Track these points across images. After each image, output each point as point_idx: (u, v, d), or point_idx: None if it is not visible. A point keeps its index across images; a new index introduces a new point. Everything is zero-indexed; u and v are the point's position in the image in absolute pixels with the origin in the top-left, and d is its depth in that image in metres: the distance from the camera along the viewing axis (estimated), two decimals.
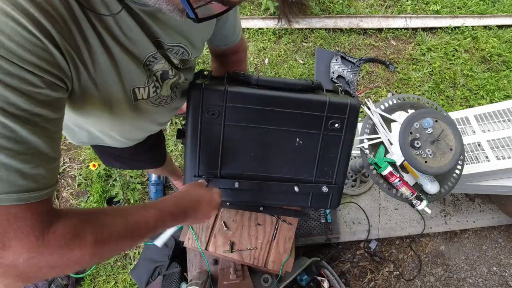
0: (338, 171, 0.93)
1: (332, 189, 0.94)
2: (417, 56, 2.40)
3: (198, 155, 0.88)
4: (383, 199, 1.99)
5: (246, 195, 0.93)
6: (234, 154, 0.89)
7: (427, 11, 2.53)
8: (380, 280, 1.97)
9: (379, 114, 1.37)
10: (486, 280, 2.04)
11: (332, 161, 0.92)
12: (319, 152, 0.91)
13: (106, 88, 0.57)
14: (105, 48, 0.52)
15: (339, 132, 0.90)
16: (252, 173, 0.91)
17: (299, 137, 0.89)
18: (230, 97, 0.83)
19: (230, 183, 0.89)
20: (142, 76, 0.61)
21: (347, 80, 2.24)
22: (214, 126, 0.86)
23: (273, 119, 0.86)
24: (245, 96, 0.84)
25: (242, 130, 0.86)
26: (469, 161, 1.59)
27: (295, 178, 0.92)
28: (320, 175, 0.93)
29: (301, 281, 1.59)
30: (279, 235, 1.24)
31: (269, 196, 0.93)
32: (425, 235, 2.08)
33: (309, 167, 0.92)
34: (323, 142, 0.90)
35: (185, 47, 0.68)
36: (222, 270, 1.27)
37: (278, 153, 0.90)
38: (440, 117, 1.27)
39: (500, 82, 2.40)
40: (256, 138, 0.88)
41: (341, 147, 0.91)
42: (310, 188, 0.93)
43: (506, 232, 2.14)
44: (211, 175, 0.89)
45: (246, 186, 0.90)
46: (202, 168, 0.88)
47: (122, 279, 1.80)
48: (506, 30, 2.56)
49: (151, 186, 1.87)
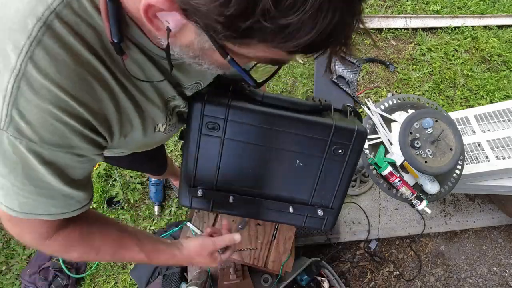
0: (336, 196, 0.91)
1: (328, 213, 0.92)
2: (417, 56, 2.40)
3: (195, 167, 0.86)
4: (383, 199, 1.98)
5: (241, 210, 0.92)
6: (231, 168, 0.87)
7: (427, 11, 2.53)
8: (380, 280, 1.97)
9: (379, 114, 1.37)
10: (486, 280, 2.04)
11: (331, 186, 0.90)
12: (319, 176, 0.88)
13: (132, 133, 0.60)
14: (136, 106, 0.55)
15: (342, 158, 0.87)
16: (248, 189, 0.89)
17: (299, 159, 0.87)
18: (232, 112, 0.80)
19: (225, 196, 0.88)
20: (163, 115, 0.64)
21: (347, 80, 2.24)
22: (213, 139, 0.84)
23: (274, 138, 0.84)
24: (248, 112, 0.81)
25: (241, 146, 0.84)
26: (469, 161, 1.59)
27: (291, 198, 0.90)
28: (317, 198, 0.90)
29: (301, 281, 1.59)
30: (279, 235, 1.24)
31: (263, 212, 0.92)
32: (425, 235, 2.08)
33: (307, 189, 0.90)
34: (324, 167, 0.87)
35: (201, 83, 0.70)
36: (222, 270, 1.27)
37: (277, 172, 0.88)
38: (440, 117, 1.27)
39: (500, 82, 2.40)
40: (255, 155, 0.86)
41: (342, 173, 0.88)
42: (305, 210, 0.91)
43: (506, 232, 2.14)
44: (206, 187, 0.87)
45: (241, 201, 0.89)
46: (198, 179, 0.87)
47: (122, 279, 1.80)
48: (506, 30, 2.56)
49: (151, 186, 1.87)
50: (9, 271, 1.78)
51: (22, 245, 1.82)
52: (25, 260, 1.79)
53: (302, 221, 0.92)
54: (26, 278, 1.69)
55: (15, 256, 1.80)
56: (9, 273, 1.78)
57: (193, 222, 1.27)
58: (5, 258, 1.80)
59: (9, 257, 1.80)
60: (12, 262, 1.80)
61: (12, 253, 1.81)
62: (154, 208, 1.88)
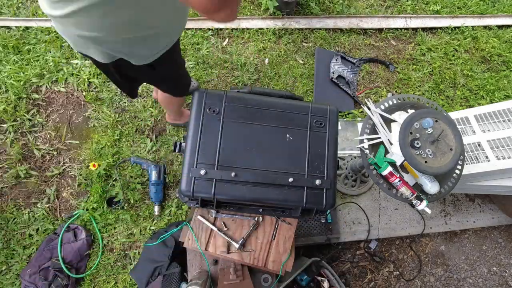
0: (328, 166, 1.03)
1: (325, 183, 1.01)
2: (417, 56, 2.40)
3: (198, 148, 0.98)
4: (383, 199, 1.99)
5: (243, 189, 0.98)
6: (231, 148, 0.98)
7: (427, 11, 2.53)
8: (380, 280, 1.97)
9: (379, 114, 1.37)
10: (486, 280, 2.04)
11: (321, 156, 1.04)
12: (308, 148, 1.02)
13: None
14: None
15: (324, 129, 1.05)
16: (248, 166, 0.99)
17: (289, 134, 1.03)
18: (229, 99, 1.00)
19: (227, 174, 0.97)
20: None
21: (347, 80, 2.24)
22: (214, 121, 0.99)
23: (265, 117, 1.02)
24: (241, 98, 1.01)
25: (239, 126, 0.99)
26: (469, 161, 1.59)
27: (289, 172, 1.01)
28: (312, 170, 1.02)
29: (301, 281, 1.59)
30: (279, 235, 1.24)
31: (265, 191, 0.99)
32: (425, 235, 2.08)
33: (301, 162, 1.02)
34: (311, 139, 1.03)
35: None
36: (222, 270, 1.27)
37: (272, 148, 1.01)
38: (440, 117, 1.27)
39: (500, 82, 2.40)
40: (251, 134, 1.00)
41: (327, 142, 1.04)
42: (303, 181, 1.00)
43: (506, 232, 2.14)
44: (209, 166, 0.97)
45: (242, 177, 0.98)
46: (201, 160, 0.97)
47: (122, 279, 1.80)
48: (506, 30, 2.56)
49: (151, 186, 1.87)
50: (9, 271, 1.79)
51: (22, 245, 1.82)
52: (25, 260, 1.79)
53: (302, 197, 1.01)
54: (26, 278, 1.69)
55: (15, 256, 1.80)
56: (9, 273, 1.78)
57: (192, 225, 1.27)
58: (5, 258, 1.80)
59: (9, 257, 1.80)
60: (12, 262, 1.80)
61: (12, 253, 1.81)
62: (154, 208, 1.88)
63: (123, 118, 2.05)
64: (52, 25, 2.17)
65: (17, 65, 2.08)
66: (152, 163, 1.91)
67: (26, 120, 2.01)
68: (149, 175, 1.90)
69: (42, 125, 2.03)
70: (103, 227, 1.87)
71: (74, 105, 2.08)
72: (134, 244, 1.87)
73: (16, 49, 2.12)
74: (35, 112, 2.04)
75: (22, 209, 1.88)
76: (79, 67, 2.12)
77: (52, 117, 2.05)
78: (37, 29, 2.16)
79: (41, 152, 1.97)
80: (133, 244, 1.87)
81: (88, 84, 2.10)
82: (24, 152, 1.96)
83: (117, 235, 1.86)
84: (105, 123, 2.03)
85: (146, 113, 2.06)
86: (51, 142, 2.00)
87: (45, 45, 2.14)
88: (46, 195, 1.91)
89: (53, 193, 1.90)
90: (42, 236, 1.83)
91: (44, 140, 2.01)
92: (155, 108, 2.08)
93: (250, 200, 1.00)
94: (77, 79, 2.10)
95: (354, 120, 2.13)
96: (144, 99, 2.10)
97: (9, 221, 1.85)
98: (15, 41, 2.12)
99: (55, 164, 1.97)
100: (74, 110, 2.08)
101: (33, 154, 1.96)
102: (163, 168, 1.93)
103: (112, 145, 1.99)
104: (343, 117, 2.17)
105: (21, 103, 2.02)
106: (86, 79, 2.09)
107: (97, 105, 2.07)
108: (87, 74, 2.10)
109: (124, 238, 1.86)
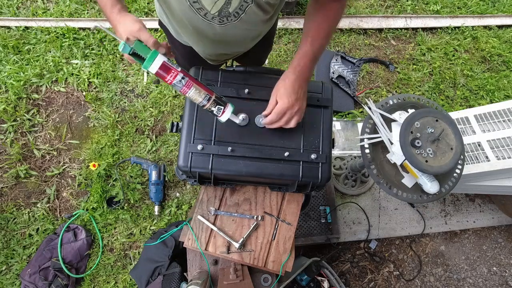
0: (323, 141, 1.04)
1: (320, 157, 1.02)
2: (417, 56, 2.40)
3: (195, 124, 0.98)
4: (383, 199, 1.99)
5: (239, 164, 0.99)
6: (227, 124, 0.96)
7: (427, 11, 2.53)
8: (380, 280, 1.97)
9: (379, 113, 1.37)
10: (486, 280, 2.04)
11: (316, 132, 1.04)
12: (303, 123, 1.02)
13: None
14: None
15: (318, 106, 1.05)
16: (244, 142, 1.00)
17: None
18: (223, 76, 1.02)
19: (224, 149, 0.98)
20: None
21: (347, 80, 2.24)
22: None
23: (261, 94, 1.02)
24: (237, 76, 1.03)
25: (234, 102, 0.96)
26: (469, 161, 1.59)
27: (285, 147, 1.02)
28: (307, 145, 1.03)
29: (301, 281, 1.59)
30: (279, 235, 1.24)
31: (261, 166, 0.99)
32: (425, 235, 2.08)
33: (296, 137, 1.02)
34: (306, 114, 1.01)
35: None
36: (222, 270, 1.27)
37: None
38: (441, 116, 1.27)
39: (500, 82, 2.40)
40: (247, 110, 1.00)
41: (322, 119, 1.05)
42: (299, 155, 1.01)
43: (506, 232, 2.14)
44: (206, 141, 0.98)
45: (239, 152, 0.98)
46: (197, 136, 0.98)
47: (122, 279, 1.80)
48: (506, 30, 2.56)
49: (151, 186, 1.87)
50: (9, 271, 1.78)
51: (22, 245, 1.82)
52: (25, 260, 1.79)
53: (298, 171, 1.01)
54: (26, 278, 1.69)
55: (15, 256, 1.80)
56: (9, 273, 1.78)
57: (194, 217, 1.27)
58: (5, 258, 1.79)
59: (9, 257, 1.80)
60: (12, 262, 1.80)
61: (12, 253, 1.81)
62: (154, 208, 1.88)
63: (123, 118, 2.05)
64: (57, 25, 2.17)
65: (17, 65, 2.08)
66: (152, 163, 1.91)
67: (26, 120, 2.01)
68: (149, 175, 1.90)
69: (42, 125, 2.03)
70: (103, 227, 1.87)
71: (74, 105, 2.08)
72: (134, 244, 1.87)
73: (16, 49, 2.12)
74: (35, 112, 2.04)
75: (22, 209, 1.88)
76: (79, 67, 2.12)
77: (52, 117, 2.05)
78: (37, 29, 2.16)
79: (41, 152, 1.97)
80: (133, 244, 1.87)
81: (88, 84, 2.10)
82: (24, 152, 1.96)
83: (117, 235, 1.86)
84: (105, 123, 2.03)
85: (146, 113, 2.06)
86: (51, 142, 2.00)
87: (45, 45, 2.14)
88: (46, 195, 1.91)
89: (53, 193, 1.90)
90: (42, 236, 1.83)
91: (44, 140, 2.01)
92: (155, 108, 2.08)
93: (247, 174, 1.00)
94: (77, 79, 2.10)
95: (354, 120, 2.13)
96: (144, 99, 2.10)
97: (9, 221, 1.85)
98: (15, 41, 2.12)
99: (55, 164, 1.97)
100: (74, 110, 2.08)
101: (33, 154, 1.96)
102: (163, 168, 1.93)
103: (112, 145, 1.99)
104: (343, 117, 2.17)
105: (21, 103, 2.02)
106: (86, 79, 2.09)
107: (97, 105, 2.07)
108: (87, 74, 2.10)
109: (124, 238, 1.86)
